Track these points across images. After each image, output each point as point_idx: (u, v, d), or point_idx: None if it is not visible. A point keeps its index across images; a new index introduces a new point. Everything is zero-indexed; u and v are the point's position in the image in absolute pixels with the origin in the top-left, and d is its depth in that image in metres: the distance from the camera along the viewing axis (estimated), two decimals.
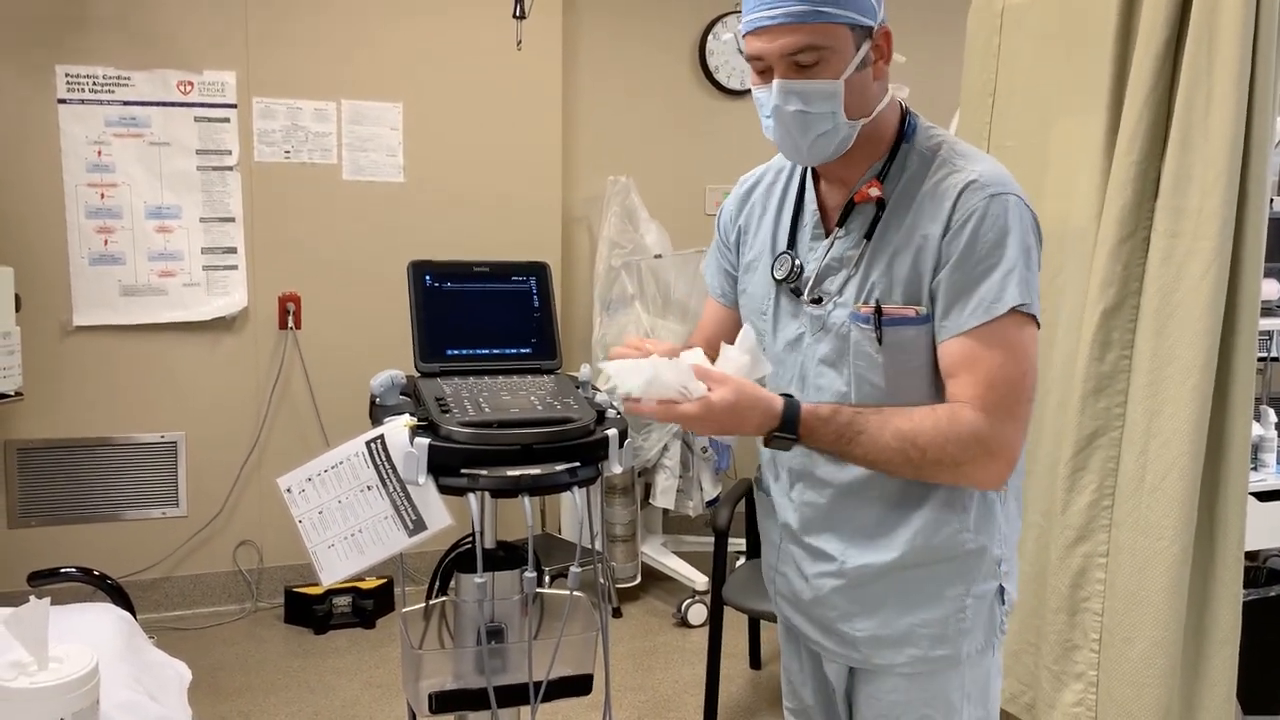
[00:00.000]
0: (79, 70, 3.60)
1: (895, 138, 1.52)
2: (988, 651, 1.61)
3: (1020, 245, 1.40)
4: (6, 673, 1.25)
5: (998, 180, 1.42)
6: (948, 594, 1.54)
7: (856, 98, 1.45)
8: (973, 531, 1.53)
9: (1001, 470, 1.44)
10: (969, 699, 1.61)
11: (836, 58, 1.41)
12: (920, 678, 1.58)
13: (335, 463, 1.85)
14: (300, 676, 3.40)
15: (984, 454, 1.41)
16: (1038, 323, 1.44)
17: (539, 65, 4.09)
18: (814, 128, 1.46)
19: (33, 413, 3.63)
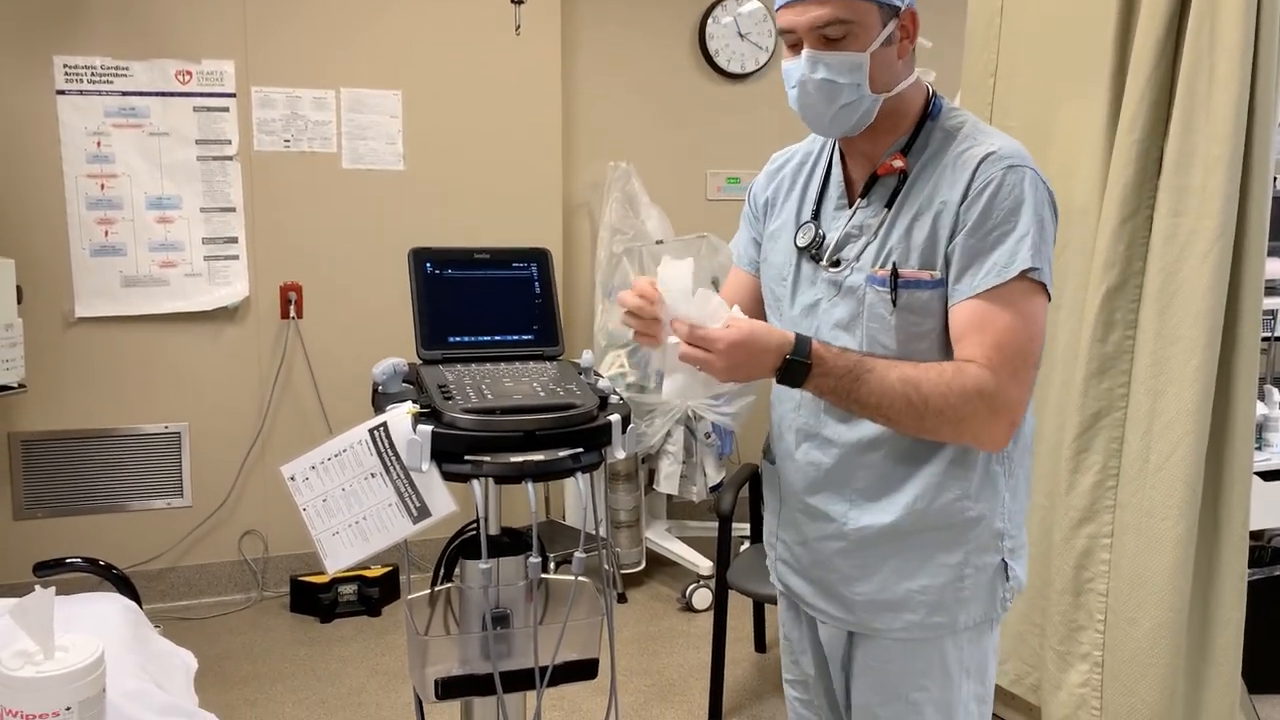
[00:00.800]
0: (77, 61, 3.59)
1: (920, 116, 1.58)
2: (986, 628, 1.62)
3: (1035, 215, 1.45)
4: (12, 662, 1.25)
5: (1017, 154, 1.48)
6: (946, 561, 1.57)
7: (880, 72, 1.51)
8: (973, 499, 1.55)
9: (1003, 430, 1.46)
10: (967, 674, 1.62)
11: (863, 32, 1.47)
12: (917, 645, 1.60)
13: (339, 450, 1.86)
14: (306, 665, 3.42)
15: (987, 410, 1.43)
16: (1049, 294, 1.48)
17: (538, 51, 4.08)
18: (838, 98, 1.51)
19: (36, 405, 3.63)
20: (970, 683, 1.62)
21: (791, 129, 4.92)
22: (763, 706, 3.19)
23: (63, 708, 1.25)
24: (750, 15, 4.47)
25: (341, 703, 3.16)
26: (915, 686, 1.61)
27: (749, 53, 4.50)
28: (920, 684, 1.61)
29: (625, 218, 4.09)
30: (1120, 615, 2.45)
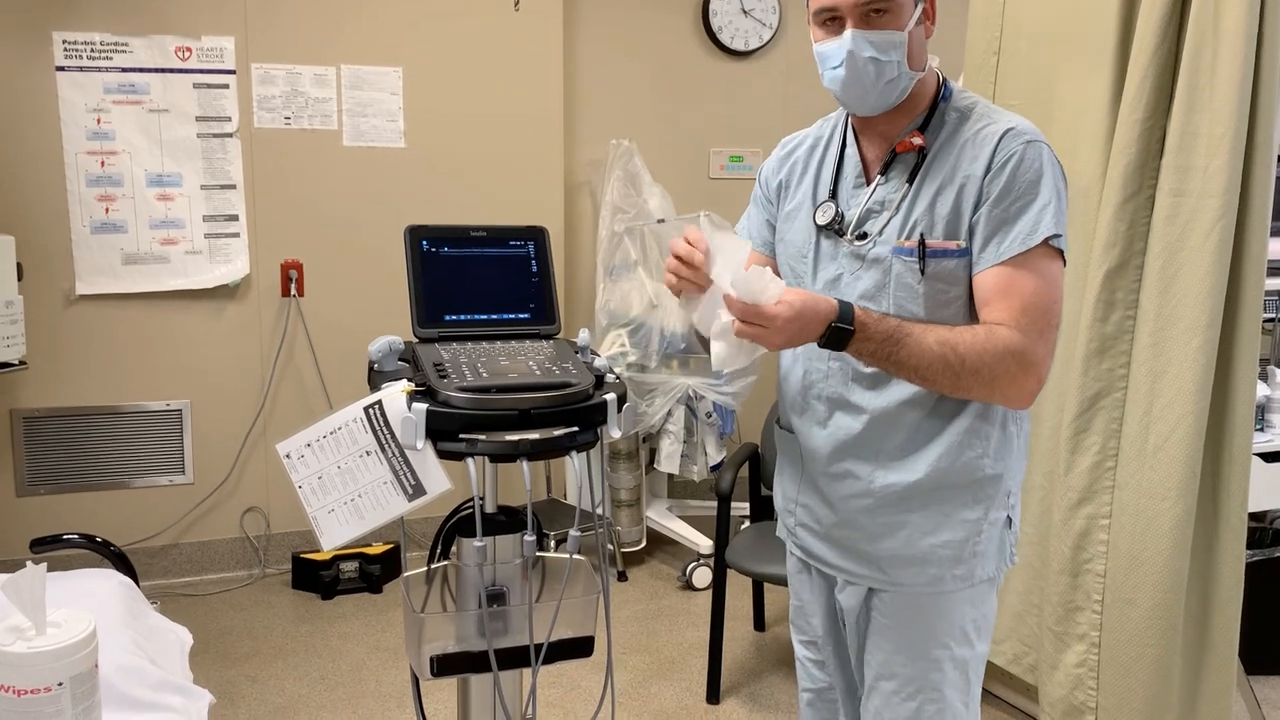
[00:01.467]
0: (76, 37, 3.58)
1: (934, 97, 1.67)
2: (994, 584, 1.72)
3: (1054, 187, 1.54)
4: (5, 637, 1.26)
5: (1032, 131, 1.57)
6: (966, 517, 1.65)
7: (916, 50, 1.61)
8: (992, 459, 1.63)
9: (1032, 387, 1.54)
10: (979, 633, 1.71)
11: (903, 11, 1.57)
12: (939, 601, 1.67)
13: (334, 428, 1.85)
14: (307, 641, 3.43)
15: (1019, 368, 1.51)
16: (1065, 260, 1.57)
17: (540, 27, 4.05)
18: (885, 74, 1.58)
19: (37, 381, 3.64)
20: (981, 643, 1.71)
21: (795, 106, 4.93)
22: (761, 684, 3.20)
23: (54, 683, 1.26)
24: None
25: (342, 679, 3.18)
26: (937, 644, 1.68)
27: (753, 29, 4.46)
28: (943, 641, 1.68)
29: (627, 196, 4.07)
30: (1118, 596, 2.45)
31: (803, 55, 4.62)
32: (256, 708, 3.00)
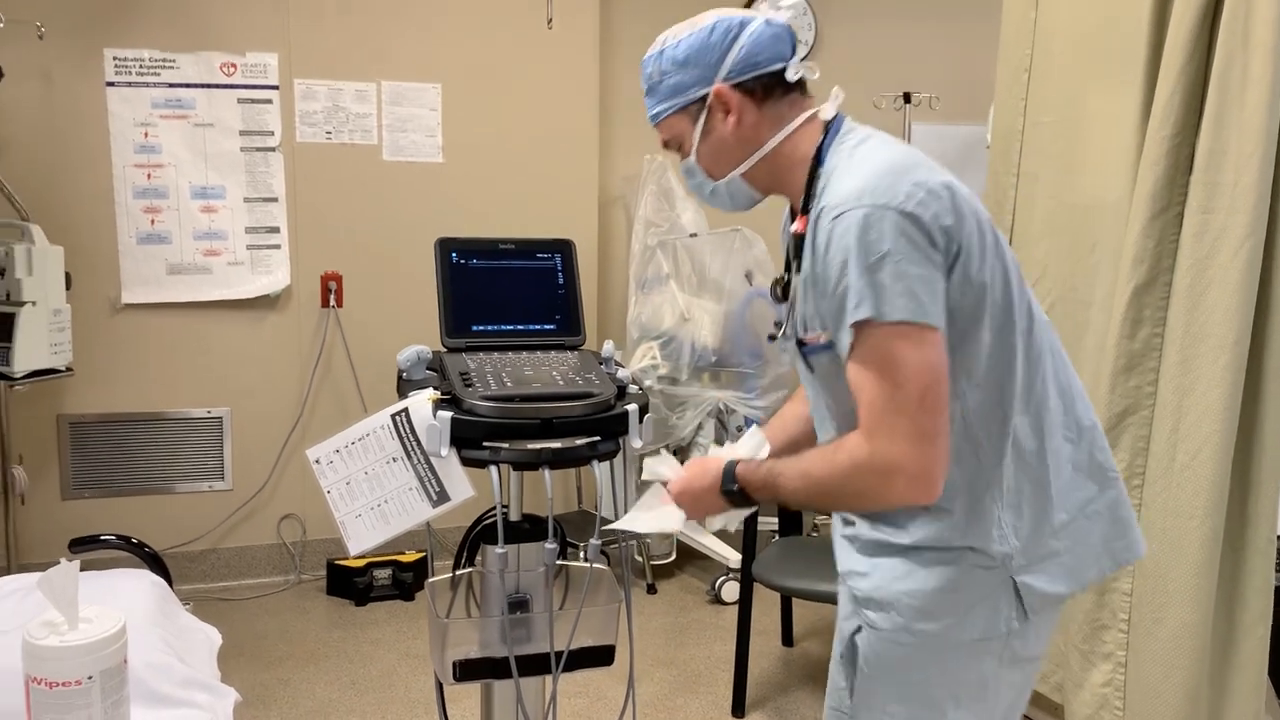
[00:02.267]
0: (126, 54, 3.68)
1: (813, 164, 1.51)
2: (984, 651, 1.49)
3: (862, 260, 1.34)
4: (38, 631, 1.30)
5: (850, 196, 1.37)
6: (940, 573, 1.48)
7: (713, 161, 1.57)
8: (961, 532, 1.46)
9: (901, 488, 1.36)
10: (956, 701, 1.51)
11: (685, 139, 1.57)
12: (907, 652, 1.51)
13: (362, 435, 1.90)
14: (340, 647, 3.48)
15: (875, 477, 1.37)
16: (924, 323, 1.34)
17: (576, 44, 4.11)
18: (702, 192, 1.64)
19: (83, 388, 3.73)
20: (960, 711, 1.51)
21: None
22: (787, 699, 3.20)
23: (85, 676, 1.30)
24: (790, 9, 4.45)
25: (372, 684, 3.23)
26: (894, 698, 1.53)
27: None
28: (901, 694, 1.53)
29: (660, 210, 4.10)
30: (1144, 615, 2.43)
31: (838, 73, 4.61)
32: (288, 711, 3.05)
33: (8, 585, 1.98)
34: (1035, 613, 1.48)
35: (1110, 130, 2.55)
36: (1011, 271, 1.47)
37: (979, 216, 1.42)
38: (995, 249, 1.43)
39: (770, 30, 1.53)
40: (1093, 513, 1.53)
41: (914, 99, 4.47)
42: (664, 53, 1.55)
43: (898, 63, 4.62)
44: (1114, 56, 2.55)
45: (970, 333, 1.41)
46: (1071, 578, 1.52)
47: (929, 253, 1.34)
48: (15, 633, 1.36)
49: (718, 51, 1.51)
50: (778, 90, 1.53)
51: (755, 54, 1.51)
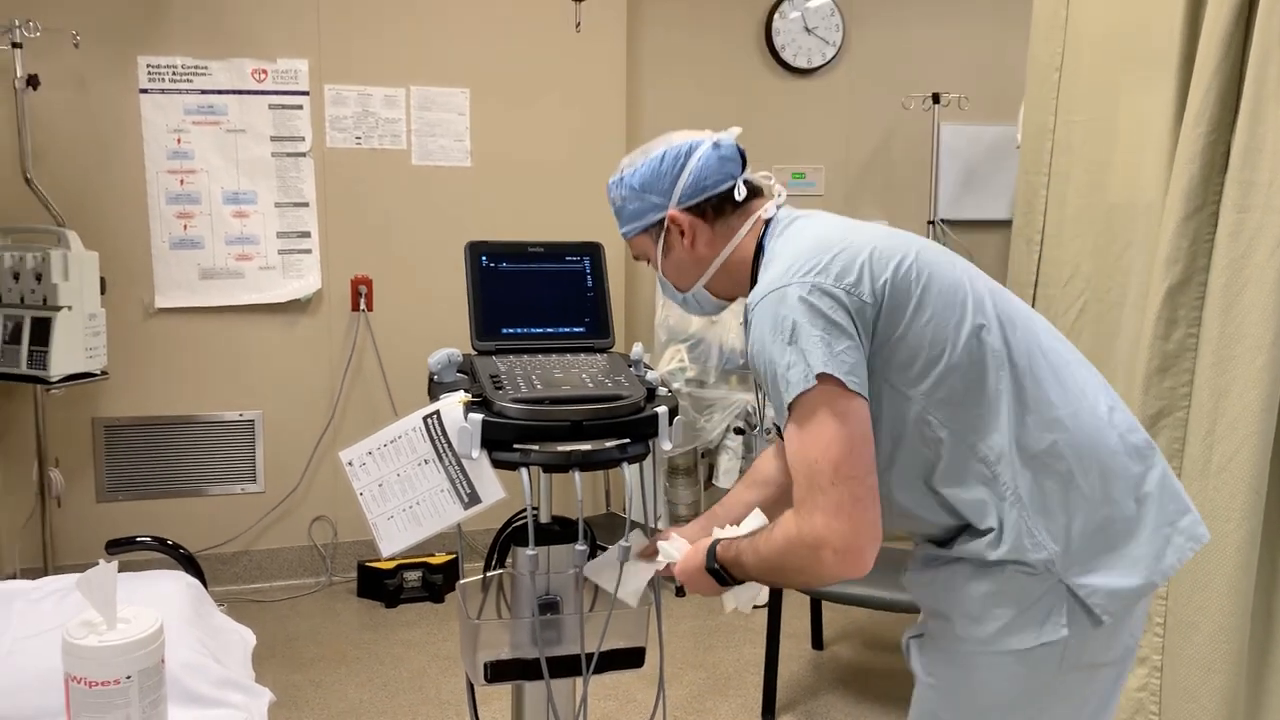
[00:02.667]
0: (159, 61, 3.73)
1: (755, 260, 1.61)
2: (1040, 659, 1.45)
3: (778, 341, 1.40)
4: (77, 631, 1.32)
5: (763, 288, 1.45)
6: (986, 582, 1.47)
7: (677, 275, 1.69)
8: (995, 546, 1.45)
9: (835, 561, 1.37)
10: (1008, 709, 1.48)
11: (650, 255, 1.69)
12: (960, 659, 1.51)
13: (394, 437, 1.91)
14: (371, 648, 3.50)
15: (806, 550, 1.40)
16: (839, 383, 1.37)
17: (604, 48, 4.12)
18: (675, 300, 1.76)
19: (118, 391, 3.78)
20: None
21: (858, 125, 4.94)
22: (817, 702, 3.19)
23: (123, 676, 1.32)
24: (817, 10, 4.45)
25: (403, 686, 3.24)
26: (945, 705, 1.53)
27: (815, 47, 4.48)
28: (951, 701, 1.53)
29: None
30: (1180, 619, 2.40)
31: (867, 74, 4.63)
32: (320, 712, 3.07)
33: (46, 586, 2.01)
34: (1108, 613, 1.43)
35: (1143, 128, 2.53)
36: (967, 295, 1.48)
37: (911, 268, 1.45)
38: (942, 285, 1.46)
39: (717, 153, 1.61)
40: (1145, 495, 1.49)
41: (943, 99, 4.45)
42: (623, 180, 1.67)
43: (926, 63, 4.60)
44: (1147, 53, 2.53)
45: (936, 368, 1.43)
46: (1147, 567, 1.47)
47: (837, 318, 1.39)
48: (54, 632, 1.38)
49: (669, 179, 1.61)
50: (727, 207, 1.62)
51: (703, 179, 1.60)
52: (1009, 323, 1.51)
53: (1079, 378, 1.55)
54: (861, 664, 3.47)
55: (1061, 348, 1.57)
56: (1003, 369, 1.46)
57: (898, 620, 3.72)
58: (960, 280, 1.49)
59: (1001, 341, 1.48)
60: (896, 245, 1.48)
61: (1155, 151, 2.48)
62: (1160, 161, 2.46)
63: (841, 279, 1.41)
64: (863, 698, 3.23)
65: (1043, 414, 1.47)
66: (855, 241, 1.45)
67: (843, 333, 1.38)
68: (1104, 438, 1.50)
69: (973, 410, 1.45)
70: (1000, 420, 1.45)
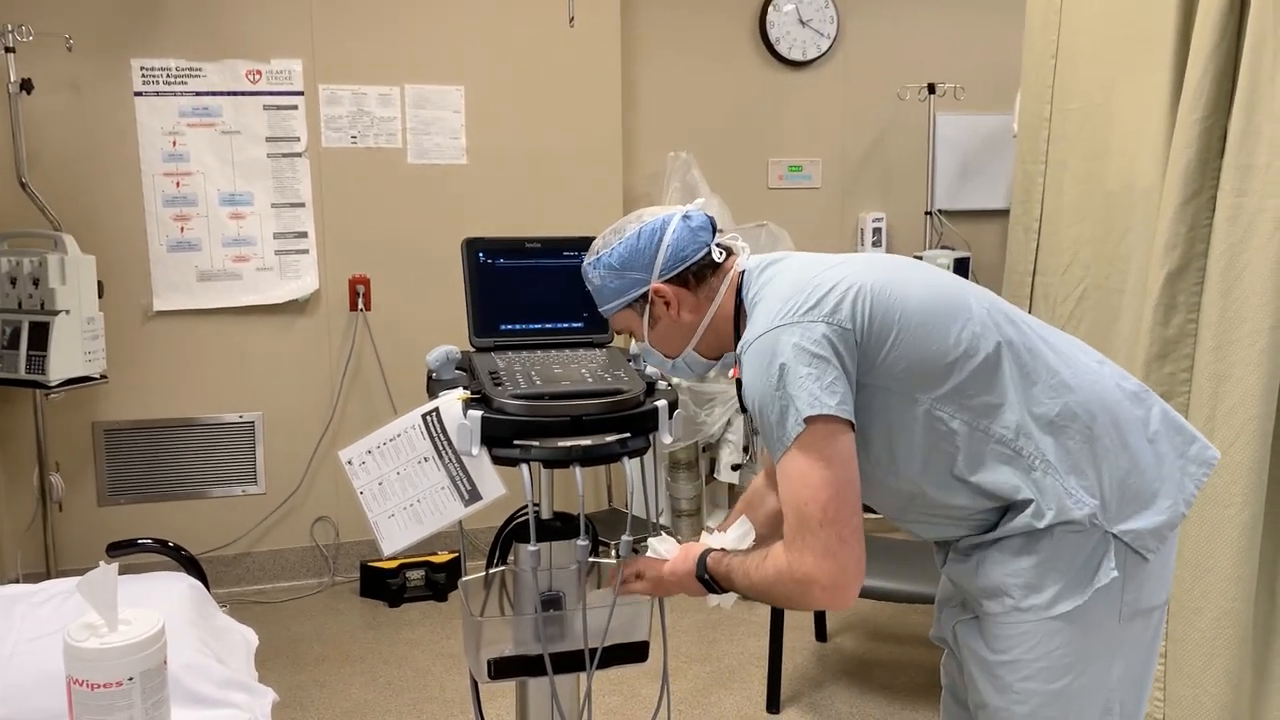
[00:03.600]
0: (153, 63, 3.72)
1: (736, 313, 1.68)
2: (1100, 614, 1.52)
3: (768, 386, 1.48)
4: (79, 634, 1.32)
5: (751, 335, 1.54)
6: (1035, 550, 1.53)
7: (665, 343, 1.74)
8: (1040, 514, 1.52)
9: (823, 595, 1.48)
10: (1080, 668, 1.53)
11: (636, 328, 1.74)
12: (1024, 629, 1.55)
13: (393, 435, 1.91)
14: (375, 648, 3.50)
15: (793, 584, 1.49)
16: (832, 418, 1.45)
17: (598, 43, 4.11)
18: (664, 368, 1.81)
19: (117, 395, 3.77)
20: (1085, 678, 1.54)
21: (854, 117, 4.93)
22: (822, 694, 3.19)
23: (125, 678, 1.32)
24: (812, 2, 4.44)
25: (407, 684, 3.24)
26: (1021, 675, 1.56)
27: (810, 40, 4.47)
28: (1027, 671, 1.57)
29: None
30: (1184, 604, 2.40)
31: (862, 65, 4.62)
32: (325, 712, 3.07)
33: (48, 590, 2.01)
34: (1151, 552, 1.53)
35: (1139, 115, 2.53)
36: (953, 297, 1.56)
37: (887, 287, 1.52)
38: (925, 295, 1.53)
39: (688, 225, 1.68)
40: (1155, 434, 1.58)
41: (938, 90, 4.44)
42: (600, 260, 1.70)
43: (921, 54, 4.60)
44: (1142, 40, 2.52)
45: (937, 369, 1.51)
46: (1172, 499, 1.56)
47: (823, 352, 1.46)
48: (56, 636, 1.38)
49: (648, 255, 1.67)
50: (706, 271, 1.68)
51: (680, 250, 1.66)
52: (995, 309, 1.59)
53: (1065, 341, 1.64)
54: (866, 655, 3.47)
55: (1041, 322, 1.67)
56: (1001, 351, 1.53)
57: (901, 612, 3.73)
58: (943, 286, 1.58)
59: (994, 327, 1.55)
60: (869, 270, 1.56)
61: (1152, 138, 2.48)
62: (1157, 147, 2.46)
63: (821, 311, 1.49)
64: (867, 689, 3.23)
65: (1047, 381, 1.55)
66: (829, 276, 1.54)
67: (828, 365, 1.46)
68: (1106, 390, 1.58)
69: (978, 397, 1.52)
70: (1009, 398, 1.52)
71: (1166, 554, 1.58)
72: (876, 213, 4.64)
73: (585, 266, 1.74)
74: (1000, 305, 1.61)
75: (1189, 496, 1.58)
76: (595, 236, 2.14)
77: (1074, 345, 1.64)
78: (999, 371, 1.52)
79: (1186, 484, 1.58)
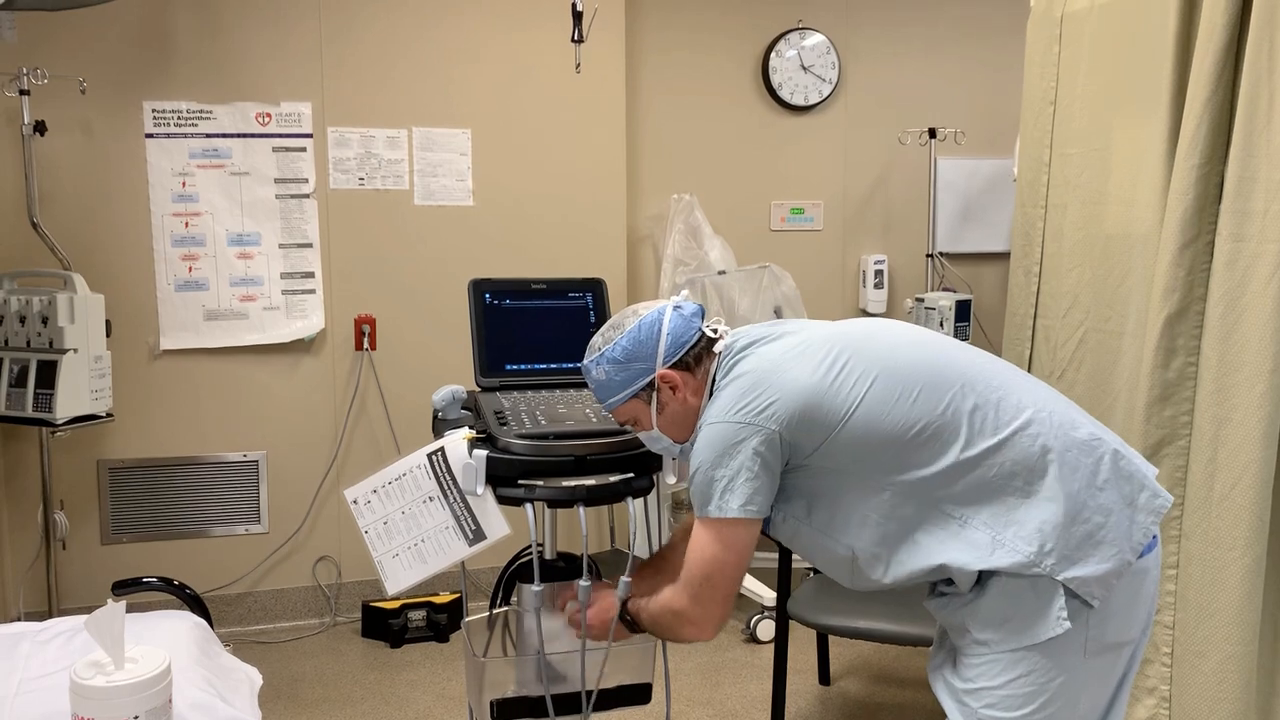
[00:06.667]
0: (164, 106, 3.77)
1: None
2: (1059, 649, 1.61)
3: (702, 466, 1.67)
4: (85, 671, 1.32)
5: (707, 418, 1.71)
6: (988, 590, 1.64)
7: (675, 428, 1.81)
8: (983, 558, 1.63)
9: (689, 633, 1.78)
10: (1039, 698, 1.62)
11: (643, 417, 1.81)
12: (984, 661, 1.67)
13: (399, 475, 1.92)
14: (376, 689, 3.49)
15: (673, 619, 1.78)
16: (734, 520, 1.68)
17: (603, 87, 4.16)
18: (672, 453, 1.88)
19: (123, 433, 3.79)
20: (1050, 709, 1.63)
21: (854, 160, 4.97)
22: None
23: (131, 716, 1.32)
24: (813, 48, 4.51)
25: None
26: (984, 702, 1.68)
27: (812, 85, 4.53)
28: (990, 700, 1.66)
29: (688, 248, 4.13)
30: (1188, 648, 2.39)
31: (863, 110, 4.68)
32: None
33: (53, 628, 2.01)
34: (1096, 599, 1.60)
35: (1137, 160, 2.56)
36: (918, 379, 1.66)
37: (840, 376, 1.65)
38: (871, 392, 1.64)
39: (680, 315, 1.81)
40: (1105, 482, 1.64)
41: (939, 134, 4.49)
42: (604, 356, 1.78)
43: (922, 98, 4.65)
44: (1139, 87, 2.56)
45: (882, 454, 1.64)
46: (1118, 549, 1.61)
47: (748, 456, 1.64)
48: (61, 674, 1.39)
49: (650, 345, 1.78)
50: (702, 355, 1.80)
51: (680, 336, 1.78)
52: (961, 376, 1.68)
53: (1021, 388, 1.70)
54: (869, 699, 3.45)
55: (1005, 364, 1.77)
56: (947, 422, 1.63)
57: (905, 655, 3.71)
58: (912, 366, 1.67)
59: (947, 402, 1.65)
60: (832, 360, 1.67)
61: (1150, 183, 2.51)
62: (1155, 193, 2.49)
63: (760, 416, 1.64)
64: None
65: (989, 441, 1.63)
66: (775, 379, 1.66)
67: (750, 469, 1.64)
68: (1052, 440, 1.64)
69: (917, 469, 1.63)
70: (944, 464, 1.62)
71: (1132, 593, 1.65)
72: (878, 255, 4.67)
73: (587, 364, 1.81)
74: (967, 370, 1.69)
75: (1135, 544, 1.63)
76: (601, 279, 2.18)
77: (1030, 391, 1.70)
78: (939, 442, 1.62)
79: (1134, 532, 1.64)
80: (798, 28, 4.49)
